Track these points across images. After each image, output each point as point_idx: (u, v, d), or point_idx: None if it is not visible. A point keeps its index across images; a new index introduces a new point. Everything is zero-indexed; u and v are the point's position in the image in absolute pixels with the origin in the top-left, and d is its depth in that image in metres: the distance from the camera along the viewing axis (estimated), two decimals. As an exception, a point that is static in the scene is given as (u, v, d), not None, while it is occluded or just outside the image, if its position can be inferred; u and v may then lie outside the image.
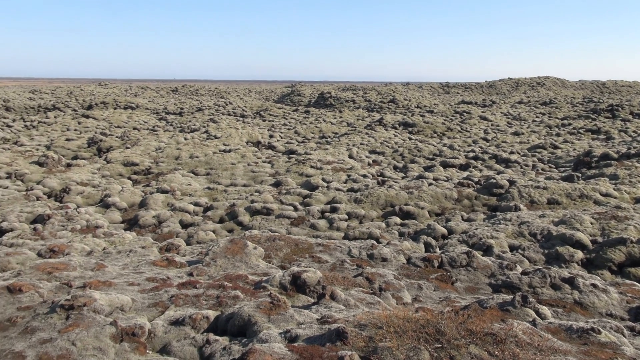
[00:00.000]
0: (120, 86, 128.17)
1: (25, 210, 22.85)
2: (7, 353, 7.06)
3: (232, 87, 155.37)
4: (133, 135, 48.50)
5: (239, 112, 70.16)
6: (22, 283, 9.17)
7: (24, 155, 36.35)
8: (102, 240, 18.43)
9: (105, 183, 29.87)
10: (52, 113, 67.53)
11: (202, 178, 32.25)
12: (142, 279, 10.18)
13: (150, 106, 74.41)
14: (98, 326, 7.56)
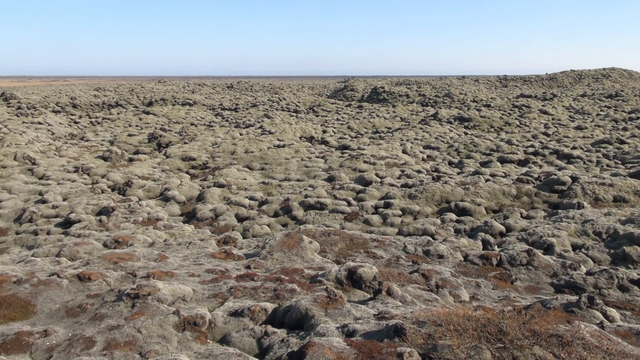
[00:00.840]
0: (178, 83, 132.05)
1: (91, 202, 23.98)
2: (79, 338, 7.44)
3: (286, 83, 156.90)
4: (191, 130, 49.88)
5: (293, 107, 70.77)
6: (91, 272, 9.63)
7: (90, 150, 38.14)
8: (163, 232, 19.08)
9: (165, 177, 30.89)
10: (115, 110, 70.46)
11: (257, 173, 32.78)
12: (201, 271, 10.47)
13: (206, 102, 76.27)
14: (162, 315, 7.84)
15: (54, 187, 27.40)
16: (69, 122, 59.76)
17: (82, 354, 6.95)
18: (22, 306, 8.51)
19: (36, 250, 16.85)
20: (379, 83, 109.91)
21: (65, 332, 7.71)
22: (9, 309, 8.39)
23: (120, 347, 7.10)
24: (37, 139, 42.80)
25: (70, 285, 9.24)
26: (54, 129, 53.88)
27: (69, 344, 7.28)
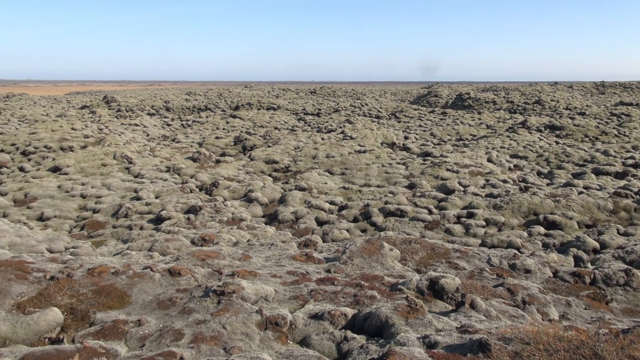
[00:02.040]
0: (263, 88, 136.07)
1: (180, 201, 25.25)
2: (169, 329, 7.85)
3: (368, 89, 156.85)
4: (274, 134, 51.15)
5: (374, 113, 70.62)
6: (180, 267, 10.14)
7: (181, 152, 40.20)
8: (246, 232, 19.70)
9: (249, 179, 31.90)
10: (204, 113, 73.80)
11: (337, 177, 33.00)
12: (283, 272, 10.70)
13: (290, 107, 77.94)
14: (245, 313, 8.09)
15: (147, 185, 29.14)
16: (162, 125, 63.31)
17: (172, 345, 7.33)
18: (119, 296, 9.11)
19: (130, 244, 17.98)
20: (464, 89, 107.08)
21: (156, 323, 8.16)
22: (107, 297, 9.02)
23: (206, 341, 7.41)
24: (133, 139, 45.73)
25: (162, 279, 9.78)
26: (148, 130, 57.33)
27: (160, 335, 7.70)
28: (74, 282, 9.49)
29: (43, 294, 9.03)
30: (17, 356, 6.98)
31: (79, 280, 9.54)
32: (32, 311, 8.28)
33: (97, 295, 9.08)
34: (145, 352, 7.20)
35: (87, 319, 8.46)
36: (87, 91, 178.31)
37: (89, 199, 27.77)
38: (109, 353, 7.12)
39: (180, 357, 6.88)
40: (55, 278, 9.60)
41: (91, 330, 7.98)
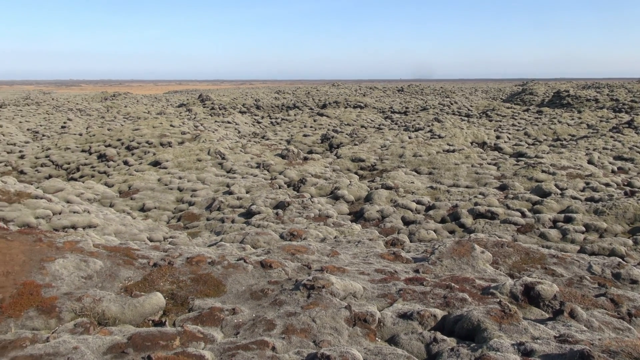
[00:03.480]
0: (350, 86, 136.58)
1: (270, 196, 26.01)
2: (261, 319, 8.15)
3: (458, 86, 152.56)
4: (361, 132, 51.22)
5: (464, 111, 68.58)
6: (272, 260, 10.47)
7: (270, 148, 41.39)
8: (333, 229, 19.92)
9: (335, 177, 32.20)
10: (292, 111, 75.42)
11: (425, 177, 32.45)
12: (371, 270, 10.72)
13: (377, 105, 77.65)
14: (334, 308, 8.21)
15: (239, 181, 30.31)
16: (252, 122, 65.48)
17: (264, 334, 7.60)
18: (215, 285, 9.58)
19: (223, 236, 18.81)
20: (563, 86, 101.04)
21: (249, 313, 8.50)
22: (204, 285, 9.52)
23: (296, 333, 7.61)
24: (226, 136, 47.70)
25: (254, 271, 10.15)
26: (240, 127, 59.55)
27: (253, 324, 8.01)
28: (174, 269, 10.11)
29: (147, 279, 9.70)
30: (126, 335, 7.57)
31: (179, 268, 10.14)
32: (138, 295, 8.92)
33: (195, 283, 9.60)
34: (239, 339, 7.53)
35: (186, 305, 8.99)
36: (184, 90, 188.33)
37: (185, 192, 29.37)
38: (207, 338, 7.52)
39: (273, 346, 7.13)
40: (157, 265, 10.28)
41: (190, 316, 8.46)
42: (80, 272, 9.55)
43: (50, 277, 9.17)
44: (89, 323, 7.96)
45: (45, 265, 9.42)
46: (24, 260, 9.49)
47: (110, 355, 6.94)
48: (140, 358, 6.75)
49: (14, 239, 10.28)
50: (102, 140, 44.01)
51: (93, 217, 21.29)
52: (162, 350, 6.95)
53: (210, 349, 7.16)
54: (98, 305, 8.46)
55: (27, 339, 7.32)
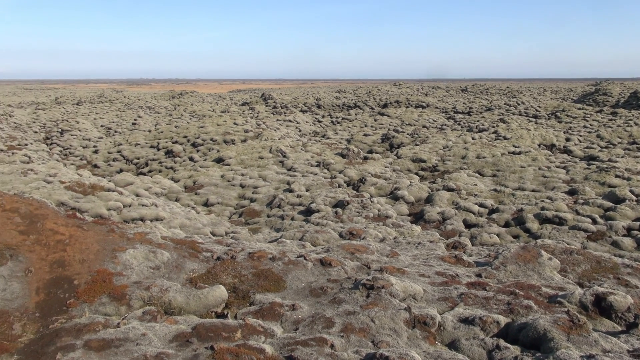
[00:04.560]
0: (412, 86, 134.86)
1: (329, 195, 26.12)
2: (320, 317, 8.22)
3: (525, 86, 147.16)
4: (422, 133, 50.47)
5: (532, 112, 66.09)
6: (331, 259, 10.53)
7: (330, 147, 41.56)
8: (392, 229, 19.75)
9: (395, 177, 31.91)
10: (353, 110, 75.37)
11: (488, 179, 31.56)
12: (431, 272, 10.56)
13: (439, 105, 76.25)
14: (393, 309, 8.15)
15: (299, 179, 30.63)
16: (313, 121, 65.96)
17: (323, 332, 7.66)
18: (275, 280, 9.75)
19: (283, 233, 19.08)
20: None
21: (309, 309, 8.59)
22: (265, 280, 9.70)
23: (355, 332, 7.62)
24: (287, 134, 48.34)
25: (314, 268, 10.24)
26: (301, 126, 60.15)
27: (312, 321, 8.08)
28: (236, 263, 10.37)
29: (211, 272, 10.01)
30: (190, 325, 7.85)
31: (241, 263, 10.39)
32: (202, 286, 9.22)
33: (257, 277, 9.81)
34: (298, 335, 7.62)
35: (248, 299, 9.20)
36: (248, 89, 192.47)
37: (247, 188, 30.01)
38: (267, 332, 7.67)
39: (331, 344, 7.17)
40: (220, 259, 10.58)
41: (251, 309, 8.65)
42: (149, 262, 9.98)
43: (121, 266, 9.64)
44: (156, 311, 8.31)
45: (117, 255, 9.91)
46: (98, 250, 10.03)
47: (176, 343, 7.22)
48: (203, 348, 6.97)
49: (89, 229, 10.87)
50: (169, 137, 45.74)
51: (160, 210, 22.17)
52: (225, 342, 7.15)
53: (270, 343, 7.30)
54: (165, 295, 8.81)
55: (100, 324, 7.73)
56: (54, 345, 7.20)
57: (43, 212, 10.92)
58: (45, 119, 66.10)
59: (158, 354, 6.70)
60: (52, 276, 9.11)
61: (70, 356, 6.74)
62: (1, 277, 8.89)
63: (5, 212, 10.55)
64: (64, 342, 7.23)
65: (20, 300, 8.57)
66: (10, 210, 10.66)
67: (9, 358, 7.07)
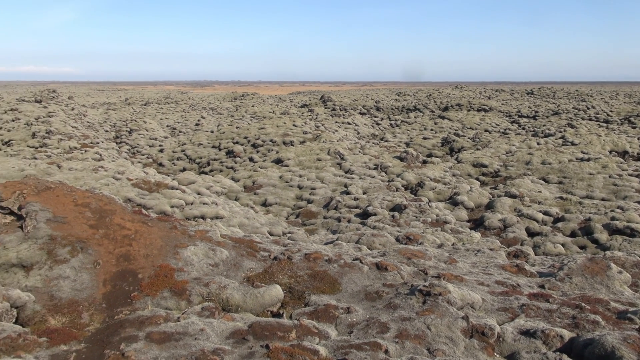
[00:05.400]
0: (474, 89, 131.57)
1: (386, 198, 25.91)
2: (375, 321, 8.15)
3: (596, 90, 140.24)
4: (484, 137, 49.15)
5: (602, 117, 62.89)
6: (387, 263, 10.43)
7: (389, 150, 41.23)
8: (451, 235, 19.34)
9: (455, 181, 31.22)
10: (412, 113, 74.46)
11: (554, 186, 30.28)
12: (491, 281, 10.25)
13: (503, 109, 73.98)
14: (450, 317, 7.97)
15: (356, 181, 30.58)
16: (372, 124, 65.68)
17: (377, 336, 7.59)
18: (331, 282, 9.77)
19: (339, 235, 19.10)
20: None
21: (363, 313, 8.54)
22: (320, 282, 9.74)
23: (410, 339, 7.51)
24: (345, 137, 48.37)
25: (370, 272, 10.18)
26: (359, 129, 60.04)
27: (367, 325, 8.04)
28: (292, 264, 10.47)
29: (267, 272, 10.16)
30: (246, 323, 7.99)
31: (297, 263, 10.48)
32: (259, 285, 9.37)
33: (312, 279, 9.86)
34: (353, 338, 7.60)
35: (303, 300, 9.26)
36: (307, 91, 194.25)
37: (305, 190, 30.27)
38: (321, 334, 7.70)
39: (385, 349, 7.10)
40: (277, 258, 10.72)
41: (306, 310, 8.71)
42: (209, 259, 10.25)
43: (182, 262, 9.96)
44: (215, 308, 8.52)
45: (178, 251, 10.25)
46: (161, 245, 10.41)
47: (232, 340, 7.37)
48: (259, 346, 7.08)
49: (153, 225, 11.31)
50: (230, 137, 46.87)
51: (220, 209, 22.74)
52: (279, 341, 7.23)
53: (324, 344, 7.32)
54: (223, 292, 9.02)
55: (161, 317, 8.02)
56: (118, 335, 7.53)
57: (111, 208, 11.46)
58: (116, 119, 69.44)
59: (215, 349, 6.87)
60: (118, 269, 9.54)
61: (133, 347, 7.02)
62: (72, 269, 9.40)
63: (78, 207, 11.15)
64: (127, 333, 7.55)
65: (88, 290, 9.03)
66: (82, 205, 11.26)
67: (77, 345, 7.47)
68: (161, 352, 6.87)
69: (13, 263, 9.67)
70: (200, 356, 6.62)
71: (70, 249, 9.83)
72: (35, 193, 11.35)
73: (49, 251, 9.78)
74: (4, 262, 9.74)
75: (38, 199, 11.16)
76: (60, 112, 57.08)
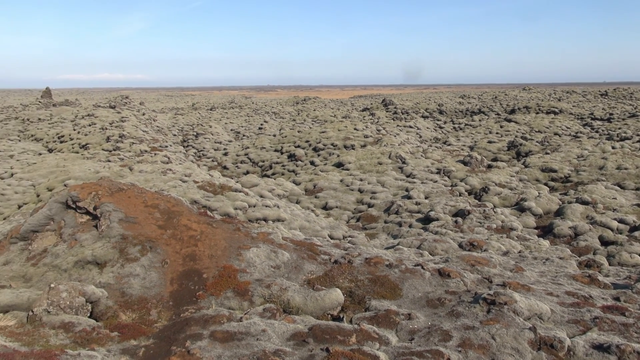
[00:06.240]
0: (544, 90, 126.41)
1: (449, 203, 25.37)
2: (437, 329, 7.99)
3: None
4: (554, 140, 47.16)
5: (686, 119, 58.73)
6: (450, 269, 10.20)
7: (452, 154, 40.38)
8: (517, 242, 18.67)
9: (522, 187, 30.10)
10: (477, 116, 72.55)
11: (630, 193, 28.54)
12: (560, 291, 9.79)
13: (574, 111, 70.65)
14: (517, 328, 7.68)
15: (418, 186, 30.14)
16: (434, 127, 64.58)
17: (439, 344, 7.43)
18: (392, 288, 9.66)
19: (400, 240, 18.88)
20: None
21: (425, 320, 8.39)
22: (381, 287, 9.66)
23: (473, 348, 7.29)
24: (407, 140, 47.83)
25: (431, 278, 9.99)
26: (421, 132, 59.18)
27: (428, 332, 7.88)
28: (353, 268, 10.45)
29: (328, 275, 10.19)
30: (307, 325, 8.05)
31: (358, 268, 10.45)
32: (320, 288, 9.42)
33: (372, 283, 9.80)
34: (414, 345, 7.47)
35: (363, 304, 9.22)
36: (368, 95, 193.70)
37: (365, 193, 30.17)
38: (382, 339, 7.63)
39: (448, 358, 6.94)
40: (338, 262, 10.73)
41: (366, 315, 8.66)
42: (270, 261, 10.42)
43: (245, 263, 10.17)
44: (276, 309, 8.64)
45: (241, 252, 10.48)
46: (225, 246, 10.68)
47: (293, 342, 7.44)
48: (319, 349, 7.11)
49: (217, 227, 11.63)
50: (292, 141, 47.48)
51: (282, 211, 23.07)
52: (339, 345, 7.23)
53: (384, 350, 7.25)
54: (284, 294, 9.14)
55: (224, 317, 8.22)
56: (184, 333, 7.79)
57: (179, 209, 11.89)
58: (183, 123, 72.08)
59: (276, 350, 6.96)
60: (185, 269, 9.88)
61: (198, 345, 7.24)
62: (142, 267, 9.83)
63: (147, 208, 11.65)
64: (192, 331, 7.80)
65: (157, 288, 9.40)
66: (151, 206, 11.75)
67: (146, 341, 7.79)
68: (224, 351, 7.04)
69: (88, 260, 10.23)
70: (262, 356, 6.73)
71: (141, 248, 10.28)
72: (109, 194, 11.96)
73: (120, 250, 10.28)
74: (80, 259, 10.33)
75: (111, 199, 11.76)
76: (132, 117, 59.95)
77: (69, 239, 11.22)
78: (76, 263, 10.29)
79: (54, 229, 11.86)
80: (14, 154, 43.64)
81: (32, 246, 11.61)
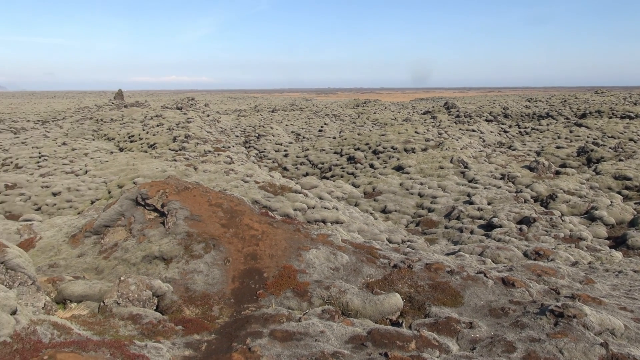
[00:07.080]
0: (618, 94, 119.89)
1: (513, 210, 24.53)
2: (500, 339, 7.73)
3: None
4: (628, 147, 44.62)
5: None
6: (515, 279, 9.85)
7: (517, 159, 39.03)
8: (586, 253, 17.78)
9: (593, 195, 28.66)
10: (544, 121, 69.79)
11: None
12: (635, 306, 9.24)
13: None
14: (586, 342, 7.31)
15: (480, 191, 29.33)
16: (499, 131, 62.70)
17: (503, 355, 7.19)
18: (452, 295, 9.45)
19: (461, 246, 18.42)
20: None
21: (487, 330, 8.14)
22: (442, 294, 9.47)
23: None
24: (470, 145, 46.67)
25: (495, 287, 9.69)
26: (485, 136, 57.61)
27: (491, 342, 7.65)
28: (412, 273, 10.30)
29: (387, 279, 10.10)
30: (365, 329, 8.00)
31: (418, 273, 10.29)
32: (379, 292, 9.35)
33: (433, 290, 9.62)
34: (475, 355, 7.27)
35: (423, 310, 9.07)
36: (430, 97, 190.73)
37: (425, 198, 29.69)
38: (442, 347, 7.47)
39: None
40: (397, 267, 10.61)
41: (426, 322, 8.51)
42: (329, 263, 10.45)
43: (304, 264, 10.26)
44: (334, 311, 8.65)
45: (301, 253, 10.58)
46: (285, 247, 10.82)
47: (351, 345, 7.42)
48: (377, 353, 7.05)
49: (278, 227, 11.80)
50: (352, 144, 47.47)
51: (340, 214, 23.10)
52: (398, 350, 7.14)
53: (444, 359, 7.09)
54: (343, 296, 9.14)
55: (284, 316, 8.32)
56: (245, 330, 7.94)
57: (241, 209, 12.16)
58: (245, 125, 73.68)
59: (334, 352, 6.96)
60: (246, 267, 10.08)
61: (258, 342, 7.36)
62: (205, 264, 10.12)
63: (211, 207, 11.98)
64: (252, 329, 7.94)
65: (219, 285, 9.65)
66: (215, 205, 12.08)
67: (208, 336, 8.00)
68: (283, 350, 7.12)
69: (155, 255, 10.65)
70: (320, 357, 6.76)
71: (204, 245, 10.59)
72: (176, 192, 12.40)
73: (186, 246, 10.63)
74: (148, 254, 10.78)
75: (178, 198, 12.19)
76: (197, 118, 61.93)
77: (138, 235, 11.73)
78: (144, 258, 10.73)
79: (124, 224, 12.44)
80: (88, 152, 46.13)
81: (104, 240, 12.22)
